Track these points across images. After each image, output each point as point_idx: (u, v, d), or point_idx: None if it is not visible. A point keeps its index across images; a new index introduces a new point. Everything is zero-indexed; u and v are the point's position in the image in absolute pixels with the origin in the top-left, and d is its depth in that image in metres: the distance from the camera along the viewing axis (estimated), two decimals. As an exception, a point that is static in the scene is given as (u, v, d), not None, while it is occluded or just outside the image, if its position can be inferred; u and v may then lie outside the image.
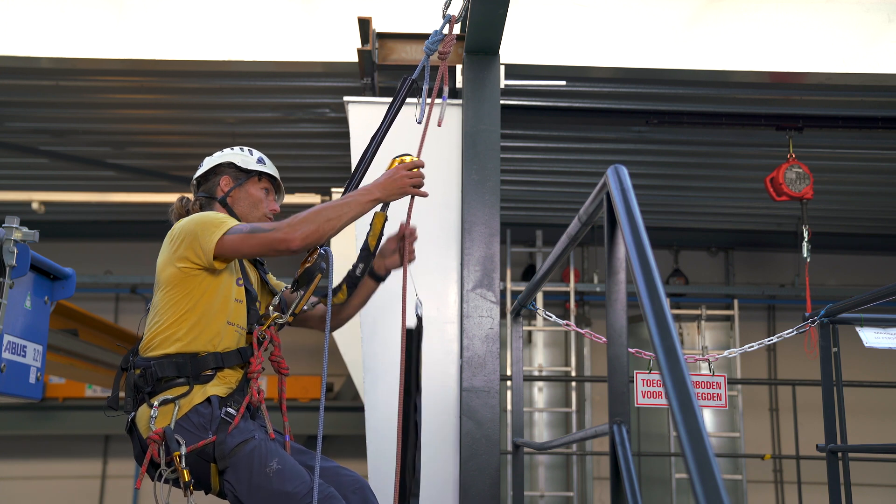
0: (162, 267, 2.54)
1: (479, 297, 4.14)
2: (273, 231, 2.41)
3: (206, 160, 2.82)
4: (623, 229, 1.86)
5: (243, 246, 2.43)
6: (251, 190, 2.74)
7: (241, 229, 2.45)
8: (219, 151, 2.82)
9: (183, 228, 2.52)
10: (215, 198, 2.72)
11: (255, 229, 2.44)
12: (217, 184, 2.73)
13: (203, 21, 5.11)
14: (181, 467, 2.33)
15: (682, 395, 1.37)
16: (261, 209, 2.74)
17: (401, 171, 2.56)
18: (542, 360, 8.14)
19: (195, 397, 2.42)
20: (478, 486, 3.95)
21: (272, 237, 2.40)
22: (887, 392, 7.70)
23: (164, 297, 2.51)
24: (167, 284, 2.51)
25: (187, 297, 2.48)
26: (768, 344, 4.12)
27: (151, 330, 2.52)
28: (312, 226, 2.40)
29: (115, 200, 7.29)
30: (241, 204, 2.71)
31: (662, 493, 7.66)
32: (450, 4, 2.67)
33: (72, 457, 9.22)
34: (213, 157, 2.80)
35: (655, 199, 7.64)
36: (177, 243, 2.50)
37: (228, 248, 2.44)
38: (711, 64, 5.11)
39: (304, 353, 7.51)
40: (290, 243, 2.40)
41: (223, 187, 2.72)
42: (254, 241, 2.42)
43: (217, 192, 2.72)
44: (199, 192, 2.77)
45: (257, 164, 2.77)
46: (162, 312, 2.50)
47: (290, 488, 2.33)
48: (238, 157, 2.77)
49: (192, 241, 2.47)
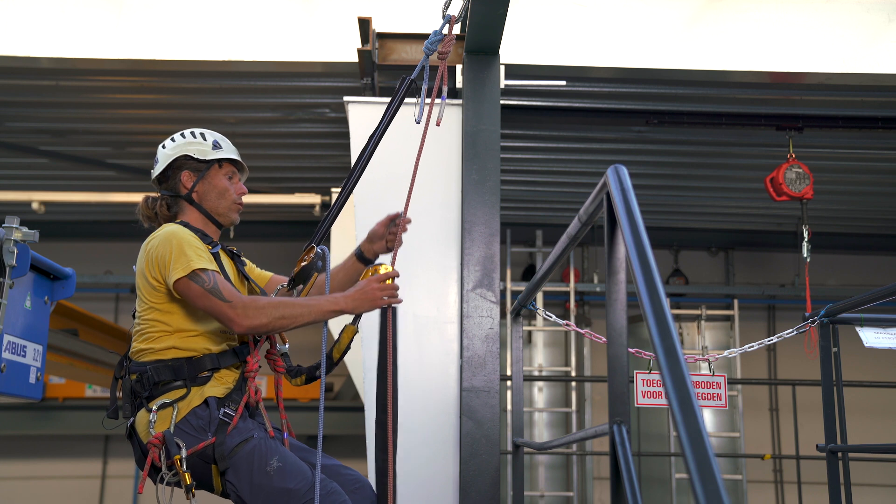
0: (138, 277, 2.52)
1: (479, 297, 4.14)
2: (227, 305, 2.36)
3: (159, 153, 2.68)
4: (623, 229, 1.86)
5: (195, 300, 2.40)
6: (214, 181, 2.64)
7: (204, 281, 2.39)
8: (168, 140, 2.68)
9: (160, 242, 2.47)
10: (180, 195, 2.64)
11: (214, 291, 2.38)
12: (178, 180, 2.63)
13: (203, 21, 5.11)
14: (182, 471, 2.32)
15: (682, 395, 1.37)
16: (229, 198, 2.66)
17: (371, 284, 2.47)
18: (542, 360, 8.14)
19: (193, 400, 2.41)
20: (478, 486, 3.95)
21: (223, 311, 2.36)
22: (887, 392, 7.70)
23: (145, 308, 2.50)
24: (142, 299, 2.51)
25: (165, 309, 2.47)
26: (768, 344, 4.12)
27: (139, 338, 2.50)
28: (264, 319, 2.36)
29: (115, 200, 7.28)
30: (208, 198, 2.63)
31: (662, 493, 7.66)
32: (450, 4, 2.67)
33: (72, 457, 9.22)
34: (166, 150, 2.66)
35: (655, 199, 7.64)
36: (151, 260, 2.47)
37: (184, 291, 2.41)
38: (711, 64, 5.11)
39: (304, 352, 7.50)
40: (236, 326, 2.37)
41: (185, 184, 2.62)
42: (206, 302, 2.38)
43: (180, 189, 2.63)
44: (162, 189, 2.68)
45: (214, 150, 2.65)
46: (144, 321, 2.50)
47: (291, 485, 2.33)
48: (193, 148, 2.63)
49: (162, 264, 2.44)
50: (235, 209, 2.68)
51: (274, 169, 7.23)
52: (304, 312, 2.41)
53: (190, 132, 2.67)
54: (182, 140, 2.65)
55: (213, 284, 2.39)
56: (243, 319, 2.36)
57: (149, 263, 2.47)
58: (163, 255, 2.44)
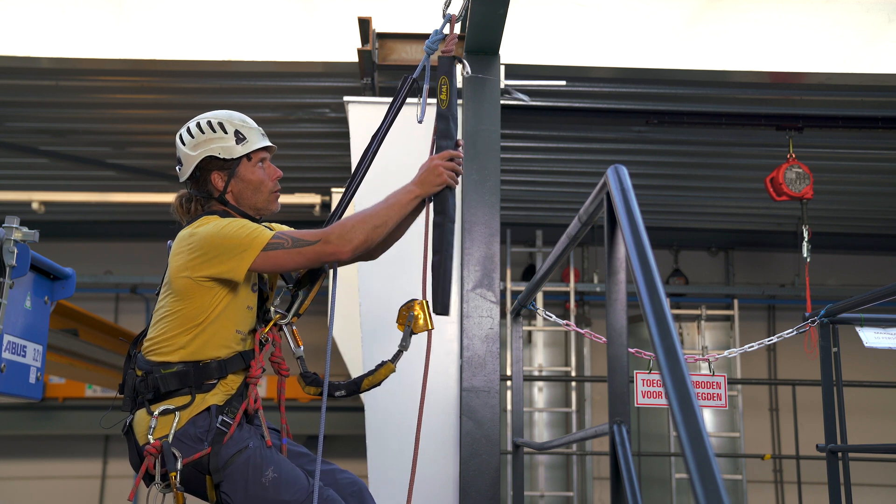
0: (175, 274, 2.38)
1: (479, 297, 4.14)
2: (321, 243, 2.29)
3: (179, 151, 2.51)
4: (623, 229, 1.86)
5: (287, 262, 2.31)
6: (247, 176, 2.49)
7: (281, 243, 2.29)
8: (186, 135, 2.50)
9: (207, 240, 2.33)
10: (213, 197, 2.50)
11: (298, 242, 2.29)
12: (208, 181, 2.48)
13: (203, 21, 5.11)
14: (176, 489, 2.28)
15: (682, 395, 1.37)
16: (265, 189, 2.52)
17: (435, 161, 2.43)
18: (542, 360, 8.14)
19: (195, 408, 2.35)
20: (478, 486, 3.95)
21: (322, 251, 2.29)
22: (887, 392, 7.70)
23: (174, 306, 2.38)
24: (179, 294, 2.38)
25: (199, 309, 2.36)
26: (768, 344, 4.12)
27: (156, 333, 2.41)
28: (363, 235, 2.31)
29: (115, 200, 7.29)
30: (243, 195, 2.50)
31: (662, 493, 7.66)
32: (450, 4, 2.66)
33: (72, 457, 9.22)
34: (186, 148, 2.49)
35: (655, 199, 7.64)
36: (197, 254, 2.33)
37: (269, 264, 2.31)
38: (711, 64, 5.11)
39: (305, 352, 7.50)
40: (342, 255, 2.31)
41: (217, 185, 2.48)
42: (300, 258, 2.30)
43: (212, 191, 2.49)
44: (192, 190, 2.53)
45: (239, 144, 2.48)
46: (169, 319, 2.39)
47: (287, 497, 2.28)
48: (216, 146, 2.47)
49: (217, 255, 2.31)
50: (274, 198, 2.55)
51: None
52: (390, 214, 2.37)
53: (207, 123, 2.49)
54: (202, 136, 2.48)
55: (291, 241, 2.30)
56: (347, 246, 2.29)
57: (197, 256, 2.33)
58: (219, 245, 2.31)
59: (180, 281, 2.37)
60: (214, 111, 2.59)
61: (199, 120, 2.53)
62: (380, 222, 2.35)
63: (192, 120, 2.56)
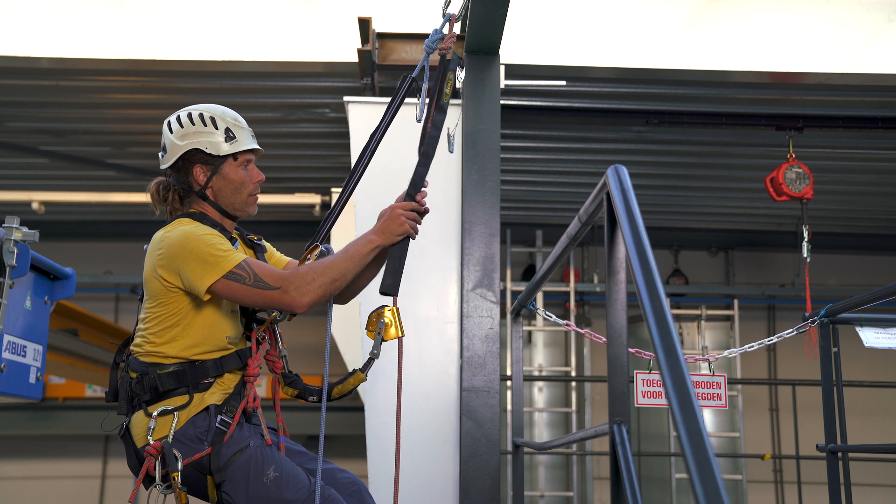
0: (147, 276, 2.39)
1: (479, 297, 4.14)
2: (279, 291, 2.27)
3: (165, 138, 2.49)
4: (623, 229, 1.86)
5: (244, 298, 2.30)
6: (230, 174, 2.46)
7: (244, 277, 2.27)
8: (175, 122, 2.48)
9: (172, 248, 2.32)
10: (193, 190, 2.47)
11: (259, 282, 2.27)
12: (190, 173, 2.45)
13: (203, 21, 5.11)
14: (178, 489, 2.28)
15: (682, 395, 1.37)
16: (244, 191, 2.49)
17: (397, 211, 2.40)
18: (542, 360, 8.14)
19: (194, 408, 2.34)
20: (478, 486, 3.95)
21: (279, 299, 2.28)
22: (887, 392, 7.71)
23: (151, 309, 2.39)
24: (153, 297, 2.38)
25: (174, 312, 2.36)
26: (768, 344, 4.12)
27: (142, 336, 2.41)
28: (321, 290, 2.29)
29: (115, 200, 7.29)
30: (223, 193, 2.47)
31: (662, 493, 7.66)
32: (450, 3, 2.66)
33: (72, 457, 9.22)
34: (173, 136, 2.46)
35: (655, 199, 7.64)
36: (165, 260, 2.33)
37: (226, 293, 2.29)
38: (711, 64, 5.11)
39: (305, 352, 7.49)
40: (297, 308, 2.29)
41: (198, 179, 2.45)
42: (257, 297, 2.29)
43: (193, 184, 2.46)
44: (172, 179, 2.50)
45: (228, 142, 2.46)
46: (150, 322, 2.39)
47: (289, 496, 2.27)
48: (204, 140, 2.44)
49: (179, 267, 2.31)
50: (252, 202, 2.53)
51: (274, 169, 7.23)
52: (349, 266, 2.35)
53: (199, 116, 2.48)
54: (192, 128, 2.46)
55: (253, 277, 2.28)
56: (301, 299, 2.28)
57: (160, 265, 2.34)
58: (182, 257, 2.30)
59: (153, 283, 2.38)
60: (208, 104, 2.57)
61: (192, 111, 2.51)
62: (338, 275, 2.33)
63: (183, 109, 2.54)
